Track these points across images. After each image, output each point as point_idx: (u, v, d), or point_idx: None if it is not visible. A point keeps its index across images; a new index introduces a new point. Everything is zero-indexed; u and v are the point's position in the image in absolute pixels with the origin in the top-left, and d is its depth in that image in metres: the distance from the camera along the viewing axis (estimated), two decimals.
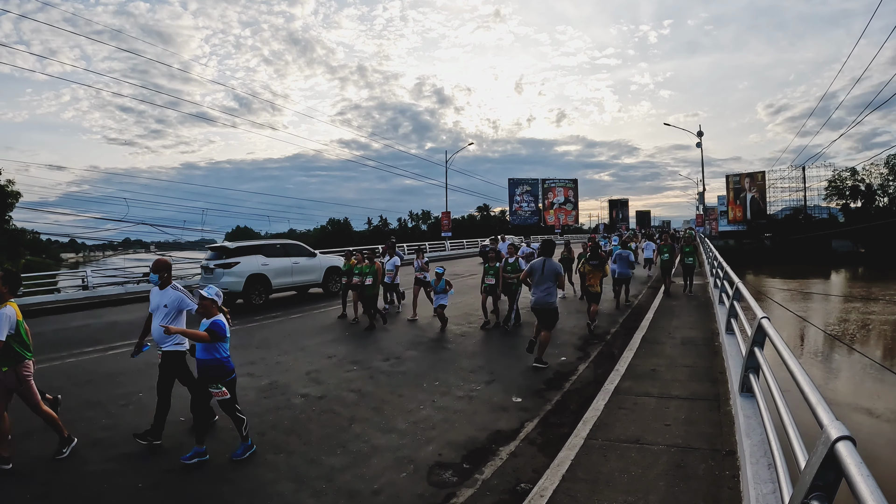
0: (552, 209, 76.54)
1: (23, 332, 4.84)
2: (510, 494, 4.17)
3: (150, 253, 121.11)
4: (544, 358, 7.99)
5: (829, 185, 58.86)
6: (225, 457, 4.96)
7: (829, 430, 1.89)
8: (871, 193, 56.59)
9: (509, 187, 75.72)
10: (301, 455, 5.01)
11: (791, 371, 2.85)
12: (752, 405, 4.40)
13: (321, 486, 4.37)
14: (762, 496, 3.12)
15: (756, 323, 4.36)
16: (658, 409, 5.63)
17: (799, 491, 2.03)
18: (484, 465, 4.72)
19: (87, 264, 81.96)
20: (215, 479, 4.54)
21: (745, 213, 64.99)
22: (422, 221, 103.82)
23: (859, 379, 12.08)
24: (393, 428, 5.61)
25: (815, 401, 2.31)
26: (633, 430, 5.10)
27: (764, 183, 63.60)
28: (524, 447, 5.11)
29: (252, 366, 8.18)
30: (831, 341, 15.81)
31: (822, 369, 12.85)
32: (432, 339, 10.03)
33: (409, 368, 7.91)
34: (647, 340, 8.98)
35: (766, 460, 3.51)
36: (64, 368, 8.40)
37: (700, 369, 7.09)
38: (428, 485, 4.39)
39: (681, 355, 7.89)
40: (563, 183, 78.00)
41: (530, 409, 6.18)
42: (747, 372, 4.61)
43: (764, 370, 3.99)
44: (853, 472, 1.63)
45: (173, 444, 5.23)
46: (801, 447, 2.50)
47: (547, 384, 7.13)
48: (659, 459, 4.42)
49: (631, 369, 7.20)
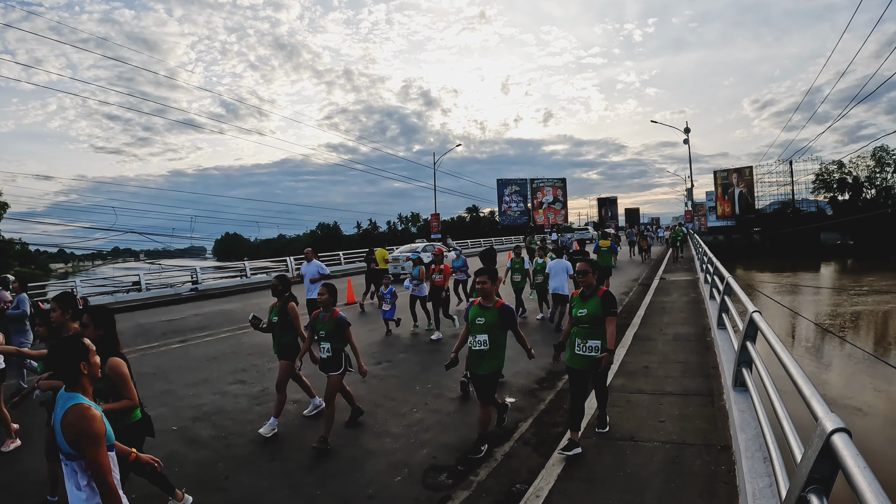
0: (541, 209, 76.63)
1: None
2: (506, 496, 4.14)
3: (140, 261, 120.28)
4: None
5: (817, 178, 59.27)
6: (217, 465, 4.90)
7: (824, 423, 1.88)
8: (858, 186, 57.04)
9: (498, 188, 75.74)
10: (295, 461, 4.96)
11: (784, 364, 2.85)
12: (746, 399, 4.40)
13: (315, 493, 4.33)
14: (759, 490, 3.11)
15: (748, 317, 4.37)
16: (652, 406, 5.63)
17: (796, 484, 2.02)
18: (479, 466, 4.70)
19: (76, 274, 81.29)
20: (209, 488, 4.48)
21: (734, 209, 65.32)
22: (411, 224, 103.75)
23: (851, 370, 12.16)
24: (386, 432, 5.57)
25: (808, 393, 2.31)
26: (627, 427, 5.10)
27: (752, 178, 63.99)
28: (519, 448, 5.08)
29: (244, 373, 8.12)
30: (823, 333, 15.92)
31: (814, 362, 12.93)
32: (424, 341, 9.99)
33: (402, 371, 7.87)
34: (639, 337, 8.99)
35: (761, 454, 3.50)
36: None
37: (693, 365, 7.10)
38: (423, 488, 4.36)
39: (673, 351, 7.90)
40: (552, 182, 78.12)
41: (524, 409, 6.16)
42: (740, 366, 4.62)
43: (757, 364, 3.99)
44: (850, 463, 1.62)
45: (165, 454, 5.16)
46: (796, 440, 2.49)
47: (540, 384, 7.12)
48: (654, 456, 4.41)
49: (623, 367, 7.20)
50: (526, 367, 7.90)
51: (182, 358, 9.50)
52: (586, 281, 4.86)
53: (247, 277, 25.12)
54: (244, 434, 5.65)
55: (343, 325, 5.27)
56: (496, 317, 4.77)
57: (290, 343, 5.77)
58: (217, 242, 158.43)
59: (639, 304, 12.81)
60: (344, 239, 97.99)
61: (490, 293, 4.87)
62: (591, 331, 4.71)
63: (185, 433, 5.78)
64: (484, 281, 4.85)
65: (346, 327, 5.26)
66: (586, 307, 4.79)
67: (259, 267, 27.78)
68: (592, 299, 4.82)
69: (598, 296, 4.80)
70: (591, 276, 4.89)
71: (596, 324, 4.69)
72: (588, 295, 4.87)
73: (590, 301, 4.82)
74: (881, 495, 1.44)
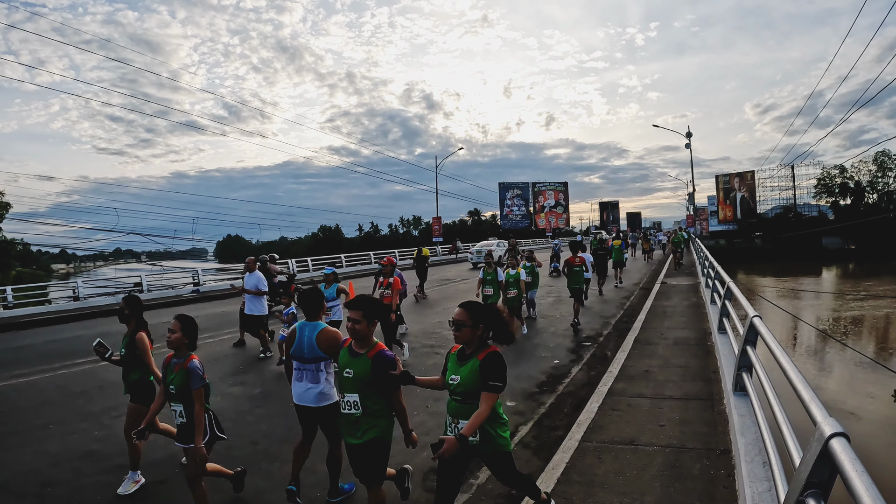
0: (543, 212, 76.75)
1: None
2: (505, 499, 4.14)
3: (141, 263, 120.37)
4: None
5: (819, 182, 59.26)
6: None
7: (822, 427, 1.89)
8: (860, 190, 57.03)
9: (500, 191, 75.83)
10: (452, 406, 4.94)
11: (784, 369, 2.85)
12: (746, 404, 4.40)
13: (315, 495, 4.33)
14: (758, 494, 3.12)
15: (748, 322, 4.37)
16: (652, 410, 5.63)
17: (794, 488, 2.03)
18: (478, 469, 4.69)
19: (77, 275, 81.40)
20: (209, 490, 4.48)
21: (736, 213, 65.32)
22: (413, 227, 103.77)
23: (852, 375, 12.14)
24: None
25: (808, 398, 2.31)
26: (627, 431, 5.10)
27: (753, 182, 63.99)
28: (519, 451, 5.08)
29: (244, 375, 8.14)
30: (823, 338, 15.90)
31: (814, 366, 12.92)
32: (425, 343, 10.00)
33: None
34: (640, 341, 8.99)
35: (760, 458, 3.51)
36: (55, 380, 8.31)
37: (693, 369, 7.10)
38: (423, 491, 4.36)
39: (674, 356, 7.90)
40: (554, 186, 78.23)
41: (524, 413, 6.16)
42: (740, 371, 4.62)
43: (757, 369, 3.99)
44: (848, 468, 1.62)
45: (164, 456, 5.17)
46: (795, 445, 2.50)
47: (540, 387, 7.12)
48: (654, 460, 4.41)
49: (624, 371, 7.20)
50: (527, 369, 7.91)
51: None
52: (461, 336, 3.19)
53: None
54: (244, 435, 5.66)
55: (196, 378, 3.81)
56: (367, 369, 3.30)
57: (139, 382, 4.67)
58: (218, 244, 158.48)
59: (640, 308, 12.80)
60: (345, 241, 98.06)
61: (366, 336, 3.39)
62: (464, 407, 3.16)
63: None
64: (357, 319, 3.33)
65: (199, 383, 3.80)
66: (460, 373, 3.18)
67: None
68: (470, 362, 3.16)
69: (479, 359, 3.13)
70: (469, 331, 3.16)
71: (470, 397, 3.13)
72: (467, 355, 3.21)
73: (466, 365, 3.18)
74: (879, 499, 1.44)
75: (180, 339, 3.91)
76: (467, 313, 3.18)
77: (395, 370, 3.29)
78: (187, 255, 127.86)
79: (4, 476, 4.90)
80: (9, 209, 52.17)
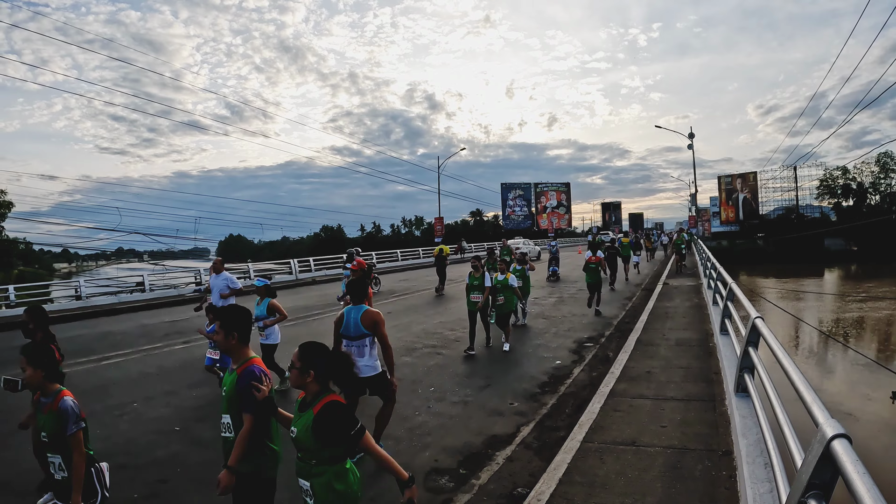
0: (545, 213, 76.65)
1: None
2: (507, 499, 4.15)
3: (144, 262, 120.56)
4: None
5: (821, 184, 59.18)
6: (220, 466, 4.91)
7: (824, 429, 1.89)
8: (862, 192, 56.99)
9: (502, 192, 75.76)
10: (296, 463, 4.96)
11: (786, 370, 2.85)
12: (748, 405, 4.40)
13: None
14: (759, 496, 3.11)
15: (750, 323, 4.37)
16: (654, 411, 5.62)
17: (796, 490, 2.03)
18: (480, 469, 4.70)
19: (79, 274, 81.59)
20: (211, 489, 4.48)
21: (738, 214, 65.20)
22: (415, 227, 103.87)
23: (851, 376, 12.12)
24: (388, 434, 5.56)
25: (810, 399, 2.31)
26: (628, 432, 5.09)
27: (756, 183, 63.88)
28: (520, 451, 5.09)
29: None
30: (825, 339, 15.87)
31: (816, 368, 12.90)
32: (426, 344, 10.00)
33: (404, 374, 7.86)
34: (642, 342, 8.98)
35: (762, 460, 3.50)
36: None
37: (695, 370, 7.09)
38: (424, 491, 4.36)
39: (675, 357, 7.89)
40: (556, 187, 78.13)
41: (526, 414, 6.16)
42: (742, 372, 4.61)
43: (759, 370, 3.99)
44: (849, 469, 1.62)
45: (166, 455, 5.18)
46: (797, 446, 2.49)
47: (542, 388, 7.12)
48: (655, 461, 4.41)
49: (626, 371, 7.19)
50: (528, 370, 7.92)
51: (185, 359, 9.52)
52: (291, 379, 2.72)
53: (250, 279, 25.15)
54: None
55: (70, 420, 2.94)
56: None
57: None
58: (221, 244, 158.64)
59: (642, 309, 12.79)
60: (347, 241, 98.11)
61: (229, 348, 3.02)
62: (305, 466, 2.71)
63: (188, 434, 5.80)
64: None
65: (75, 427, 2.95)
66: (297, 425, 2.69)
67: (262, 269, 27.84)
68: (306, 414, 2.64)
69: (314, 411, 2.58)
70: (296, 374, 2.65)
71: (310, 455, 2.66)
72: (306, 403, 2.70)
73: (303, 416, 2.66)
74: (880, 501, 1.44)
75: (33, 377, 3.00)
76: (297, 353, 2.68)
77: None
78: (189, 254, 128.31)
79: (7, 475, 4.93)
80: (11, 208, 52.36)
